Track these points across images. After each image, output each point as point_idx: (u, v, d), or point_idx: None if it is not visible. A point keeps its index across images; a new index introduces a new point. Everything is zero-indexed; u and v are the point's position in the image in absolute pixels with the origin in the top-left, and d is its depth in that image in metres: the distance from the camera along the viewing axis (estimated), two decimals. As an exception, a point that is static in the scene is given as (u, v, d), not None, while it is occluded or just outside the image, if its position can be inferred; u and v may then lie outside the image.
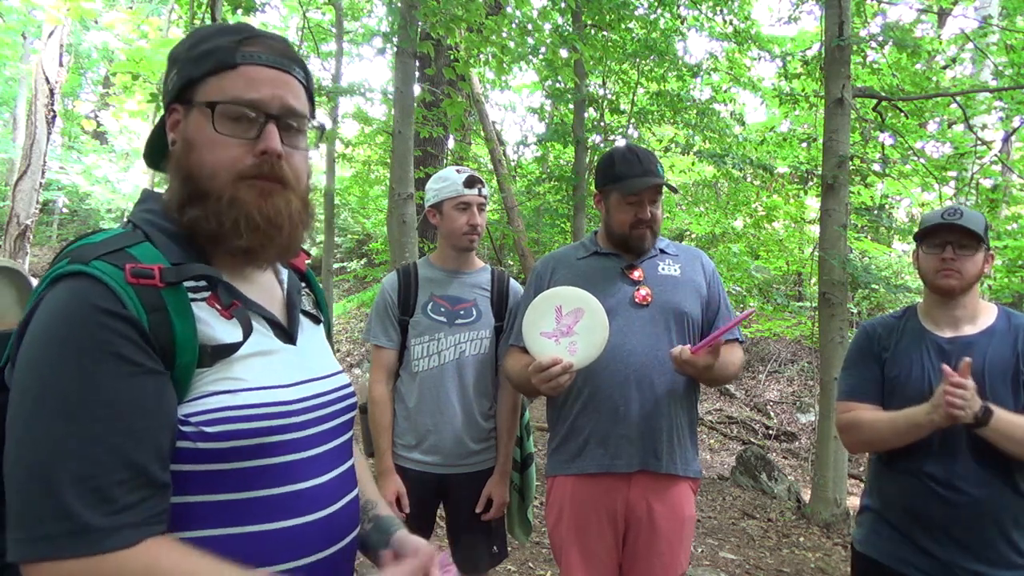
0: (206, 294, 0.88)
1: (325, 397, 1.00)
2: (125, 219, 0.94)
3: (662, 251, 2.10)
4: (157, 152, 1.02)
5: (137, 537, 0.76)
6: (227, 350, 0.87)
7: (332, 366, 1.07)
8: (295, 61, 0.95)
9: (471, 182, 2.23)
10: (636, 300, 1.97)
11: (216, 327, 0.87)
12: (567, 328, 1.80)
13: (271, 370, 0.92)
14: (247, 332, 0.90)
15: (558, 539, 2.01)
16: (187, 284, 0.86)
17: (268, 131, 0.90)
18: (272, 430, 0.89)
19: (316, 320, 1.10)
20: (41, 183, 9.94)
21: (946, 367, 1.65)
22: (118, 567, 0.74)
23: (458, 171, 2.27)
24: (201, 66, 0.90)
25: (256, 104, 0.90)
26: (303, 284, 1.12)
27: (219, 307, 0.89)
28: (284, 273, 1.07)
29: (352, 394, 1.08)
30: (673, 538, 1.94)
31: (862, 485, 6.40)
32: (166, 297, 0.83)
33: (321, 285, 1.21)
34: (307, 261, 1.14)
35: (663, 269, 2.05)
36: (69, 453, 0.74)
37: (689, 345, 1.86)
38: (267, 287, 1.02)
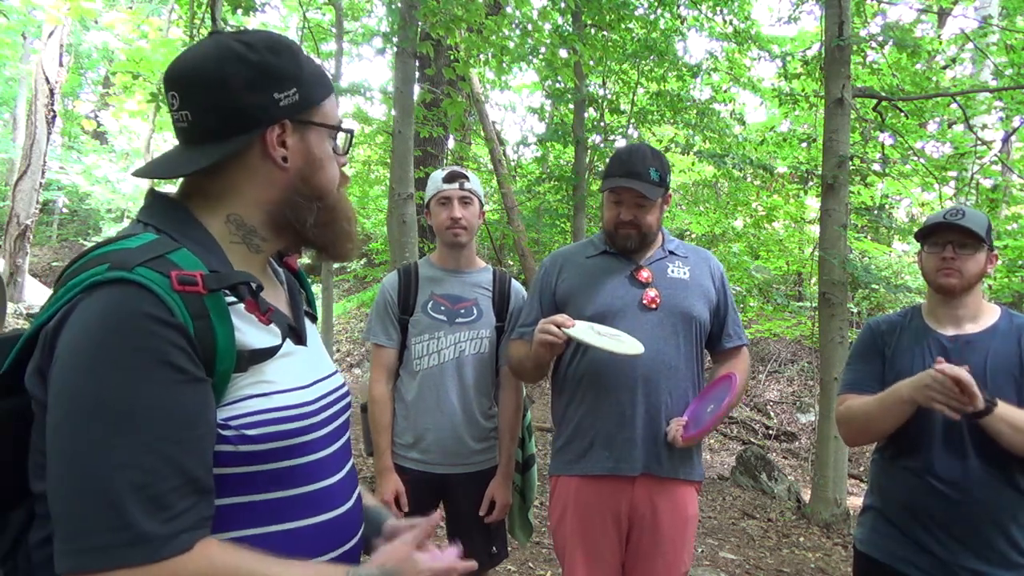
0: (236, 299, 0.89)
1: (332, 396, 1.02)
2: (139, 221, 0.92)
3: (671, 252, 2.07)
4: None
5: (192, 541, 0.76)
6: (263, 355, 0.89)
7: (331, 366, 1.09)
8: None
9: (450, 177, 2.24)
10: (644, 303, 1.96)
11: (249, 332, 0.88)
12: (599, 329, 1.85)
13: (294, 371, 0.94)
14: (284, 337, 0.93)
15: (561, 538, 2.00)
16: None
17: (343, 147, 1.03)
18: (301, 431, 0.91)
19: (312, 319, 1.12)
20: (41, 183, 9.95)
21: (940, 359, 1.65)
22: (174, 573, 0.75)
23: (444, 170, 2.29)
24: (322, 90, 0.97)
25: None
26: (297, 284, 1.13)
27: (257, 313, 0.90)
28: (282, 273, 1.08)
29: (348, 394, 1.10)
30: (676, 537, 1.94)
31: (862, 485, 6.41)
32: (208, 304, 0.83)
33: (321, 285, 1.23)
34: (300, 260, 1.15)
35: (672, 272, 2.03)
36: (125, 462, 0.73)
37: (682, 428, 1.89)
38: (273, 289, 1.03)
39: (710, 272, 2.09)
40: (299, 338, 1.00)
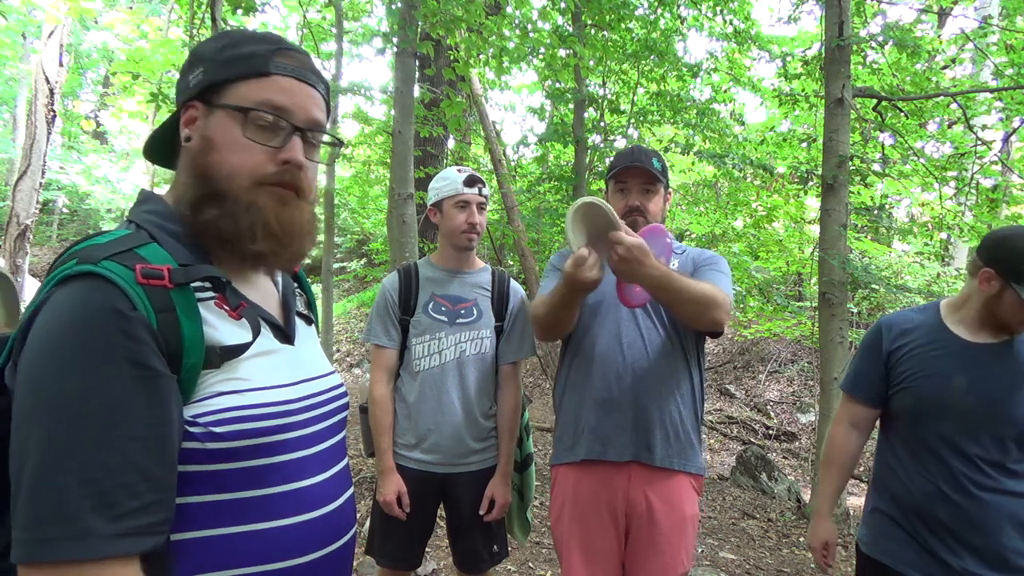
0: (210, 295, 0.88)
1: (321, 396, 1.01)
2: (126, 219, 0.93)
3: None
4: (160, 148, 1.01)
5: (140, 548, 0.75)
6: (236, 351, 0.88)
7: (326, 366, 1.08)
8: (320, 78, 0.98)
9: (471, 181, 2.24)
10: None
11: (222, 328, 0.88)
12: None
13: (273, 370, 0.93)
14: (256, 333, 0.91)
15: (560, 533, 2.01)
16: (193, 285, 0.86)
17: (294, 142, 0.93)
18: (277, 429, 0.90)
19: (308, 321, 1.11)
20: (41, 183, 9.94)
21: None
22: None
23: (459, 170, 2.28)
24: (233, 69, 0.91)
25: (287, 113, 0.92)
26: (295, 285, 1.13)
27: (227, 308, 0.89)
28: (279, 274, 1.08)
29: (345, 394, 1.09)
30: (674, 536, 1.93)
31: (862, 485, 6.40)
32: (175, 298, 0.82)
33: (321, 285, 1.23)
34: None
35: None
36: (78, 456, 0.73)
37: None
38: (264, 288, 1.03)
39: (692, 261, 2.09)
40: (286, 337, 1.00)
